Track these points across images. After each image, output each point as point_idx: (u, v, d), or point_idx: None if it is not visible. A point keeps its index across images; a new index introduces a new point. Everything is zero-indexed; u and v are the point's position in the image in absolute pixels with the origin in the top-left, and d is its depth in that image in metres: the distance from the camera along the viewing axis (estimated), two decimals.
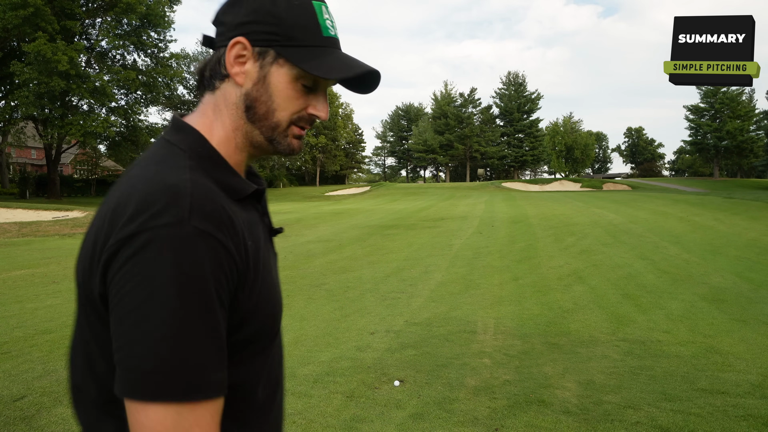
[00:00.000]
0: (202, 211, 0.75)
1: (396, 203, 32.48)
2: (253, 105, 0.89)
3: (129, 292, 0.72)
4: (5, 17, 30.47)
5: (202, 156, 0.85)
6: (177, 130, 0.88)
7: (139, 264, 0.72)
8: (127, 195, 0.77)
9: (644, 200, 27.06)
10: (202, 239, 0.74)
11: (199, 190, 0.78)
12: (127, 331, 0.71)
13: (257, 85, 0.88)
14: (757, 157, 61.41)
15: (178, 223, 0.73)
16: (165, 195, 0.75)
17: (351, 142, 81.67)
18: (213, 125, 0.90)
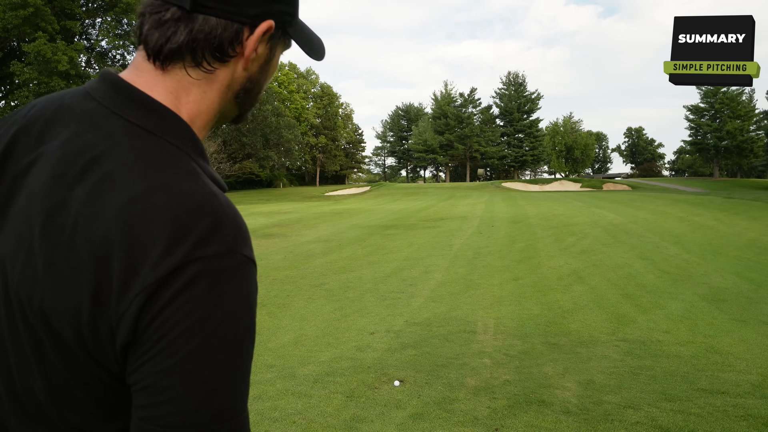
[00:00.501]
0: (242, 234, 0.67)
1: (396, 203, 32.48)
2: (253, 88, 0.79)
3: (179, 336, 0.60)
4: (5, 17, 30.49)
5: (197, 152, 0.72)
6: (149, 112, 0.70)
7: (191, 302, 0.61)
8: (139, 211, 0.62)
9: (644, 200, 27.06)
10: (249, 268, 0.66)
11: (231, 208, 0.68)
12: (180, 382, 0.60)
13: (263, 67, 0.78)
14: (757, 157, 61.41)
15: (228, 253, 0.63)
16: (202, 217, 0.64)
17: (351, 142, 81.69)
18: (182, 107, 0.73)
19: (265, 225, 18.95)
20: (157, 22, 0.71)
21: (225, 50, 0.72)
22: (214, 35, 0.71)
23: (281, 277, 8.83)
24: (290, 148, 57.78)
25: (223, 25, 0.71)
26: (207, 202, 0.65)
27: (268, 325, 5.99)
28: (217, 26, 0.71)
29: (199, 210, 0.64)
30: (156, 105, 0.71)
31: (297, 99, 70.02)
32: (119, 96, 0.71)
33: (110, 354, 0.63)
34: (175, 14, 0.70)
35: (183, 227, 0.62)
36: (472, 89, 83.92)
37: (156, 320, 0.60)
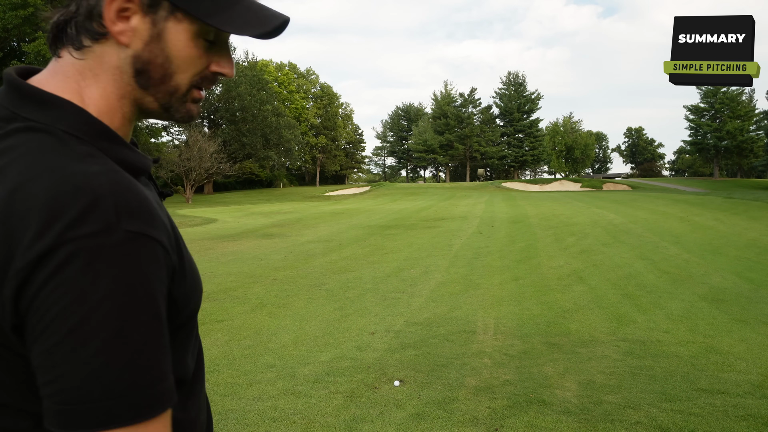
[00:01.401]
0: (130, 208, 0.65)
1: (396, 203, 32.48)
2: (147, 69, 0.74)
3: (56, 317, 0.61)
4: (5, 17, 30.49)
5: (94, 135, 0.71)
6: (40, 105, 0.71)
7: (64, 284, 0.61)
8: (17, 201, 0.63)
9: (644, 200, 27.06)
10: (138, 242, 0.64)
11: (118, 184, 0.66)
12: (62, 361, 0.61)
13: (150, 45, 0.73)
14: (757, 157, 61.42)
15: (105, 230, 0.62)
16: (77, 197, 0.63)
17: (351, 142, 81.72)
18: (85, 92, 0.74)
19: (265, 225, 18.95)
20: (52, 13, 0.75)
21: (92, 26, 0.72)
22: (77, 12, 0.72)
23: (281, 277, 8.84)
24: (290, 148, 57.77)
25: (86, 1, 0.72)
26: (86, 183, 0.64)
27: (268, 325, 5.99)
28: (81, 4, 0.72)
29: (76, 191, 0.63)
30: (47, 96, 0.71)
31: (297, 99, 70.05)
32: (15, 95, 0.72)
33: (11, 338, 0.65)
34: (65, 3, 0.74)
35: (57, 210, 0.62)
36: (472, 89, 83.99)
37: (34, 303, 0.62)
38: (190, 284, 0.78)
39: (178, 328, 0.78)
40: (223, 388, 4.09)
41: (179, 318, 0.77)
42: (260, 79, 53.12)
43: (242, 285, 8.22)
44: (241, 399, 3.90)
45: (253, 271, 9.41)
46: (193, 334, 0.86)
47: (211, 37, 0.76)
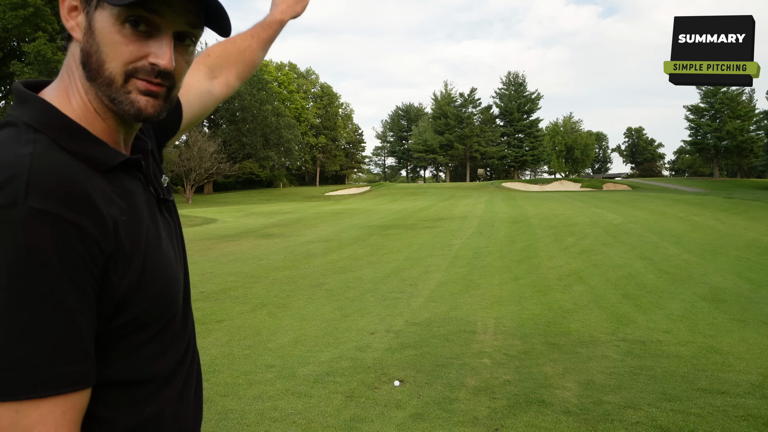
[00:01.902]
0: (43, 188, 0.68)
1: (396, 203, 32.48)
2: (88, 61, 0.78)
3: None
4: (5, 17, 30.50)
5: (53, 127, 0.76)
6: (20, 103, 0.78)
7: None
8: None
9: (644, 200, 27.06)
10: (42, 221, 0.66)
11: (41, 165, 0.70)
12: None
13: (87, 36, 0.77)
14: (757, 157, 61.42)
15: (10, 205, 0.66)
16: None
17: (351, 142, 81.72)
18: (69, 90, 0.80)
19: (265, 225, 18.95)
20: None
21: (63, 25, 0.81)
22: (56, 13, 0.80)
23: (281, 277, 8.83)
24: (290, 148, 57.76)
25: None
26: (11, 162, 0.69)
27: (268, 325, 5.99)
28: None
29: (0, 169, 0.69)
30: (25, 95, 0.79)
31: (297, 99, 70.04)
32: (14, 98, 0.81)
33: None
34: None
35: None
36: (472, 89, 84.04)
37: None
38: (150, 277, 0.79)
39: (135, 327, 0.79)
40: (223, 388, 4.09)
41: (128, 314, 0.77)
42: (260, 79, 53.11)
43: (242, 285, 8.22)
44: (241, 399, 3.90)
45: (253, 271, 9.41)
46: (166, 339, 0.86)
47: (144, 27, 0.77)
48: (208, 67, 1.28)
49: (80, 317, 0.69)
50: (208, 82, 1.26)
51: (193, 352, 0.95)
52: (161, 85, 0.80)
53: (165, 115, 0.83)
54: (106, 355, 0.76)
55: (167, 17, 0.77)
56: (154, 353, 0.83)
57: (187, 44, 0.83)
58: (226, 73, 1.31)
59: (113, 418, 0.78)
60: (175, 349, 0.88)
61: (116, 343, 0.77)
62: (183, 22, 0.79)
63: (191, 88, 1.19)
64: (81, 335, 0.69)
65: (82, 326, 0.70)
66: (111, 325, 0.75)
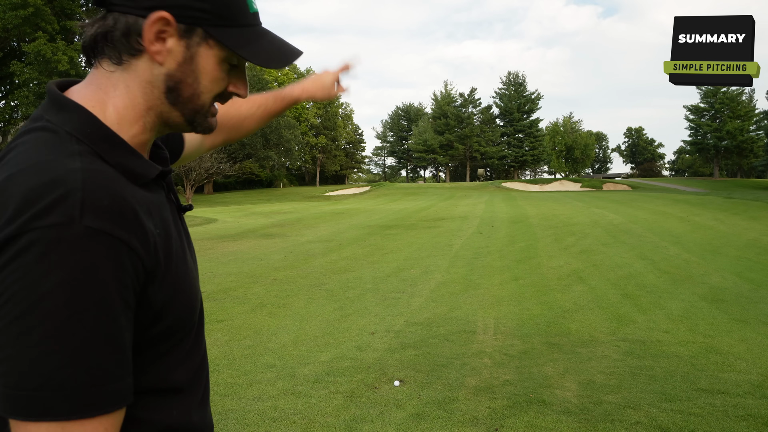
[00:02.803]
0: (97, 206, 0.67)
1: (396, 203, 32.48)
2: (178, 87, 0.80)
3: (7, 302, 0.63)
4: (5, 17, 30.50)
5: (95, 138, 0.75)
6: (58, 109, 0.76)
7: (20, 269, 0.63)
8: (5, 188, 0.67)
9: (644, 200, 27.06)
10: (97, 240, 0.66)
11: (93, 181, 0.69)
12: (7, 344, 0.63)
13: (183, 66, 0.79)
14: (757, 157, 61.42)
15: (67, 223, 0.65)
16: (51, 190, 0.66)
17: (351, 142, 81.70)
18: (109, 101, 0.78)
19: (265, 225, 18.95)
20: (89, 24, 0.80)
21: (130, 43, 0.76)
22: (115, 28, 0.76)
23: (281, 277, 8.83)
24: (290, 148, 57.76)
25: (122, 19, 0.76)
26: (62, 177, 0.67)
27: (268, 325, 5.99)
28: (118, 20, 0.76)
29: (52, 184, 0.66)
30: (65, 101, 0.77)
31: None
32: (47, 101, 0.78)
33: None
34: (98, 15, 0.78)
35: (29, 200, 0.65)
36: (472, 89, 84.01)
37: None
38: (177, 289, 0.79)
39: (163, 337, 0.79)
40: (223, 388, 4.09)
41: (160, 325, 0.77)
42: (260, 79, 53.11)
43: (242, 285, 8.22)
44: (241, 399, 3.90)
45: (253, 271, 9.41)
46: (186, 347, 0.87)
47: (234, 62, 0.83)
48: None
49: (126, 334, 0.70)
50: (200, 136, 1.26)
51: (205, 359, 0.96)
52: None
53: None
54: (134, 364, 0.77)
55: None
56: (176, 362, 0.84)
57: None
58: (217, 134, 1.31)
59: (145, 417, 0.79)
60: (194, 356, 0.90)
61: (142, 352, 0.77)
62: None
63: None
64: (126, 353, 0.70)
65: (126, 344, 0.70)
66: (141, 337, 0.76)
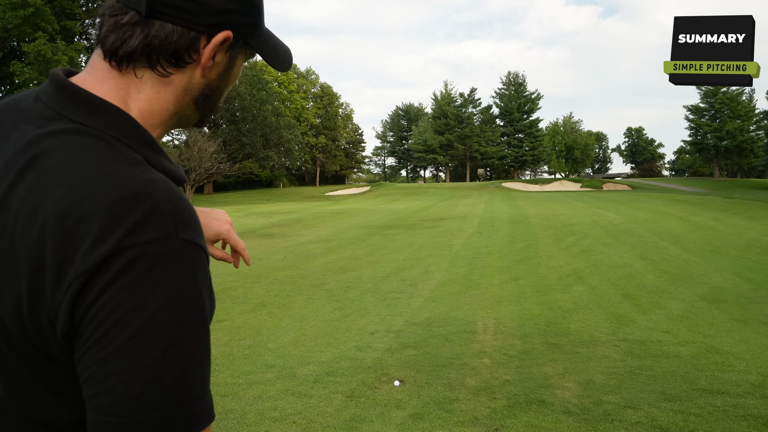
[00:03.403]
0: (185, 218, 0.66)
1: (396, 203, 32.48)
2: (213, 95, 0.80)
3: (116, 324, 0.60)
4: (5, 17, 30.51)
5: (141, 144, 0.72)
6: (89, 109, 0.70)
7: (125, 290, 0.60)
8: (74, 203, 0.62)
9: (644, 200, 27.06)
10: (192, 252, 0.65)
11: (171, 193, 0.67)
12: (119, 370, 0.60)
13: (222, 75, 0.80)
14: (757, 157, 61.39)
15: (165, 237, 0.63)
16: (137, 203, 0.63)
17: (351, 142, 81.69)
18: (132, 103, 0.74)
19: (265, 225, 18.94)
20: (114, 25, 0.72)
21: (181, 57, 0.73)
22: (170, 41, 0.72)
23: (281, 277, 8.83)
24: (290, 148, 57.73)
25: (179, 32, 0.72)
26: (143, 190, 0.64)
27: (268, 325, 5.99)
28: (173, 33, 0.72)
29: (135, 197, 0.63)
30: (97, 101, 0.71)
31: (297, 99, 70.00)
32: (63, 96, 0.71)
33: (54, 345, 0.64)
34: (133, 18, 0.71)
35: (116, 215, 0.62)
36: (472, 89, 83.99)
37: (92, 309, 0.60)
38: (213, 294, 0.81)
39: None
40: (223, 388, 4.09)
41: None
42: (260, 79, 53.10)
43: (242, 285, 8.22)
44: (241, 399, 3.90)
45: (253, 271, 9.40)
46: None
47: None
48: None
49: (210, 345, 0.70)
50: None
51: None
52: None
53: None
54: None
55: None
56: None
57: None
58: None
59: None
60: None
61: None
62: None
63: None
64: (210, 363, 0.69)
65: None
66: None
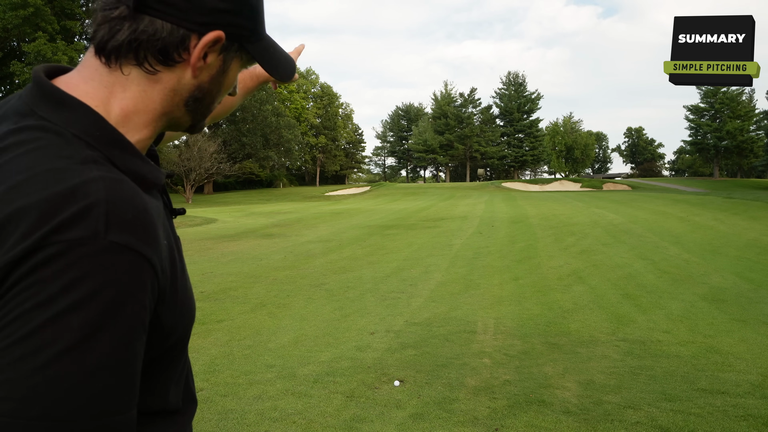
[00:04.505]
0: (123, 220, 0.62)
1: (396, 203, 32.48)
2: (203, 97, 0.77)
3: (15, 320, 0.56)
4: (5, 17, 30.51)
5: (106, 142, 0.69)
6: (56, 105, 0.69)
7: (35, 286, 0.57)
8: (12, 199, 0.60)
9: (644, 200, 27.06)
10: (122, 256, 0.60)
11: (116, 192, 0.63)
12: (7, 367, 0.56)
13: (214, 78, 0.77)
14: (757, 157, 61.41)
15: (91, 238, 0.59)
16: (71, 201, 0.60)
17: (351, 142, 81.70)
18: (115, 102, 0.72)
19: (265, 225, 18.94)
20: (104, 19, 0.71)
21: (170, 54, 0.71)
22: (158, 37, 0.70)
23: (281, 277, 8.83)
24: (290, 148, 57.77)
25: (169, 29, 0.70)
26: (82, 188, 0.61)
27: (268, 325, 5.99)
28: (162, 29, 0.70)
29: (71, 195, 0.60)
30: (65, 98, 0.69)
31: (297, 99, 70.02)
32: (37, 93, 0.71)
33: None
34: (123, 12, 0.70)
35: (48, 212, 0.59)
36: (472, 89, 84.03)
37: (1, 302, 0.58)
38: (181, 310, 0.75)
39: (164, 355, 0.75)
40: (223, 388, 4.09)
41: (164, 344, 0.73)
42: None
43: (242, 285, 8.22)
44: (241, 399, 3.90)
45: (253, 271, 9.40)
46: (180, 361, 0.82)
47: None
48: None
49: (138, 362, 0.64)
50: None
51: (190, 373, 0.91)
52: None
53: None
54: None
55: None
56: (170, 380, 0.79)
57: None
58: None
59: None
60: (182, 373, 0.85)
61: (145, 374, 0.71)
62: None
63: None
64: (136, 381, 0.63)
65: (138, 371, 0.64)
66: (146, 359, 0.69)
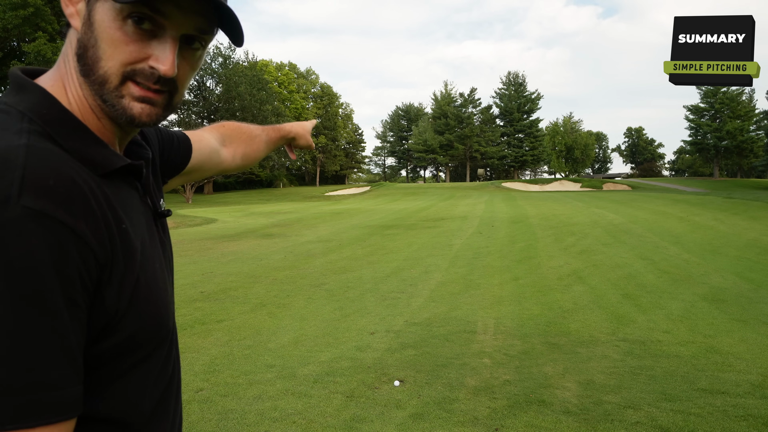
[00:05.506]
0: (40, 185, 0.59)
1: (396, 203, 32.47)
2: (84, 54, 0.70)
3: None
4: (5, 17, 30.51)
5: (51, 120, 0.68)
6: (17, 90, 0.71)
7: None
8: None
9: (644, 200, 27.06)
10: (37, 222, 0.58)
11: (38, 159, 0.61)
12: None
13: (85, 26, 0.70)
14: (757, 157, 61.40)
15: (2, 202, 0.57)
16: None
17: (351, 142, 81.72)
18: (66, 81, 0.72)
19: (265, 225, 18.94)
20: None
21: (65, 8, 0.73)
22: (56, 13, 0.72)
23: (281, 277, 8.83)
24: None
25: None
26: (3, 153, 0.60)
27: (268, 325, 5.99)
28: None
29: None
30: (27, 84, 0.71)
31: (297, 99, 70.02)
32: (9, 85, 0.74)
33: None
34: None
35: None
36: (472, 89, 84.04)
37: None
38: (141, 296, 0.71)
39: (121, 351, 0.70)
40: (223, 388, 4.09)
41: (117, 336, 0.69)
42: (260, 79, 53.11)
43: (242, 285, 8.21)
44: (241, 399, 3.90)
45: (253, 271, 9.40)
46: (153, 369, 0.77)
47: (148, 26, 0.69)
48: (221, 135, 1.30)
49: (72, 336, 0.61)
50: (218, 144, 1.26)
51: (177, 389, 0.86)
52: (160, 91, 0.72)
53: (162, 120, 0.76)
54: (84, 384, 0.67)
55: (174, 19, 0.70)
56: (140, 387, 0.75)
57: (196, 48, 0.76)
58: (235, 147, 1.32)
59: None
60: (161, 383, 0.80)
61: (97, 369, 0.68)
62: (191, 26, 0.72)
63: (204, 140, 1.19)
64: (72, 356, 0.61)
65: (74, 346, 0.61)
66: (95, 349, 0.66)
